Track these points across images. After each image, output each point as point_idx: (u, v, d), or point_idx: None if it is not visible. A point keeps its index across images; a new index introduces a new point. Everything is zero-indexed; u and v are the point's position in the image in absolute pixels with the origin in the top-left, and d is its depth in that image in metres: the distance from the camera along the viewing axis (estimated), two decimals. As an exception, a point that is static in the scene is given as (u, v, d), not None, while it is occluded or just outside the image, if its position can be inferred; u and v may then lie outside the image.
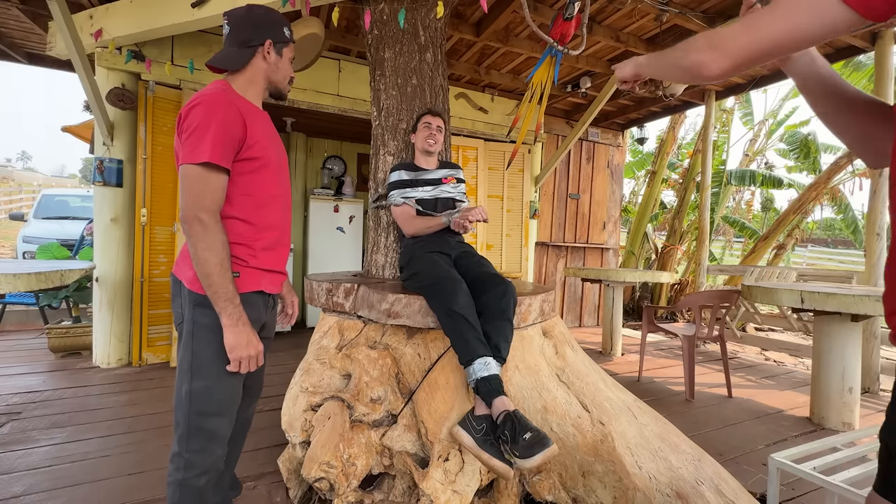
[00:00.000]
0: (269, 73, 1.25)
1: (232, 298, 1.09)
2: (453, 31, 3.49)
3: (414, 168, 2.04)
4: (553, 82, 2.44)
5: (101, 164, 3.15)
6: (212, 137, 1.06)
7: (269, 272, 1.24)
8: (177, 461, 1.16)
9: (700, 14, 3.28)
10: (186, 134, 1.08)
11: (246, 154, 1.14)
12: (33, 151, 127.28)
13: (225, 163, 1.09)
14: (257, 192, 1.19)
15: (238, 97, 1.17)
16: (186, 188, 1.07)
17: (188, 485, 1.15)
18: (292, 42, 1.29)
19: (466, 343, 1.42)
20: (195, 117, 1.08)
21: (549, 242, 5.50)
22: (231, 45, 1.21)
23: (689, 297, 3.01)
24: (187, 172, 1.07)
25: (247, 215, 1.18)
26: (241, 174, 1.16)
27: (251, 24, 1.21)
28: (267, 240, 1.23)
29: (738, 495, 1.39)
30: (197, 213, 1.06)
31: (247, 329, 1.12)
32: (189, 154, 1.06)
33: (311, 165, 5.29)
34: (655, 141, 7.32)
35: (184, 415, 1.15)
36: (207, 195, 1.08)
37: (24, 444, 2.04)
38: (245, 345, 1.12)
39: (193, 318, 1.14)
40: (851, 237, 7.24)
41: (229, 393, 1.19)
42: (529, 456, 1.18)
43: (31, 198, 15.02)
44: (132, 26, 2.89)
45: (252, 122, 1.15)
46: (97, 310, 3.21)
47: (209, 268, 1.06)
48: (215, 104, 1.09)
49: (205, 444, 1.16)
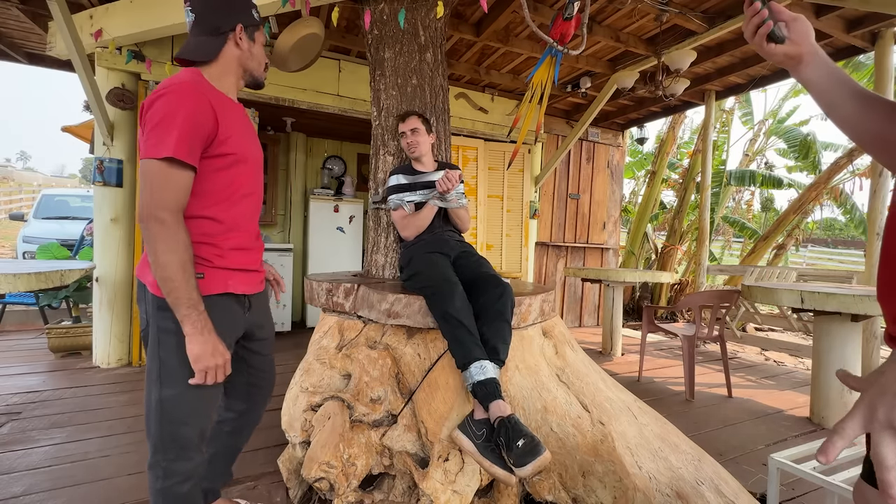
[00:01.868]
0: (244, 61, 1.17)
1: (196, 305, 1.01)
2: (453, 31, 3.49)
3: (412, 171, 2.03)
4: (553, 82, 2.44)
5: (101, 164, 3.15)
6: (178, 131, 0.98)
7: (238, 271, 1.17)
8: (155, 470, 1.10)
9: (700, 14, 3.28)
10: (150, 126, 0.99)
11: (218, 150, 1.07)
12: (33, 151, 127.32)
13: (191, 159, 1.01)
14: (229, 190, 1.12)
15: (210, 88, 1.09)
16: (147, 185, 0.98)
17: (172, 492, 1.11)
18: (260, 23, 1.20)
19: (462, 346, 1.42)
20: (160, 108, 0.99)
21: (549, 242, 5.50)
22: (199, 33, 1.12)
23: (689, 297, 3.01)
24: (148, 168, 0.98)
25: (216, 214, 1.10)
26: (212, 171, 1.08)
27: (218, 7, 1.12)
28: (237, 239, 1.15)
29: (738, 495, 1.40)
30: (156, 211, 0.98)
31: (212, 338, 1.04)
32: (152, 148, 0.98)
33: (311, 165, 5.29)
34: (655, 141, 7.32)
35: (156, 424, 1.08)
36: (169, 193, 0.99)
37: (24, 444, 2.04)
38: (210, 354, 1.04)
39: (157, 324, 1.07)
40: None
41: (202, 399, 1.12)
42: (522, 465, 1.19)
43: (31, 198, 15.02)
44: (132, 26, 2.89)
45: (224, 116, 1.08)
46: (97, 310, 3.21)
47: (170, 272, 0.98)
48: (183, 95, 1.01)
49: (180, 453, 1.11)
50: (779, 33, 0.74)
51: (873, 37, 3.44)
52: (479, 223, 4.58)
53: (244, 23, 1.14)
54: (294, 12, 2.99)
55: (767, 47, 0.75)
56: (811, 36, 0.73)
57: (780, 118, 8.24)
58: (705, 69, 4.27)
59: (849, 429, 0.51)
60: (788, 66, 0.76)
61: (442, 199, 1.95)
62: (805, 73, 0.75)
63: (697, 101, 4.95)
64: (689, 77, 4.30)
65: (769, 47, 0.75)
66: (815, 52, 0.74)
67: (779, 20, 0.74)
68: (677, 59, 3.31)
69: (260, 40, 1.20)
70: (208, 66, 1.13)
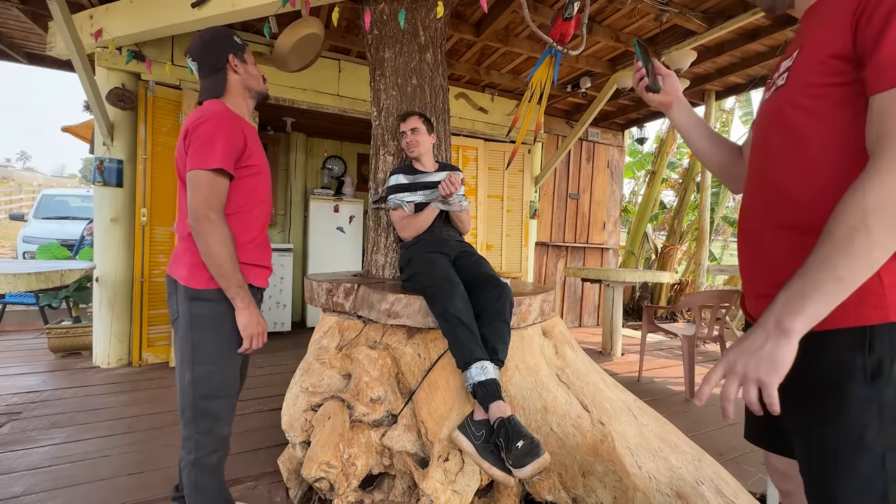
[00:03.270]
0: (245, 82, 1.37)
1: (242, 285, 1.23)
2: (453, 31, 3.49)
3: (412, 171, 2.03)
4: (553, 82, 2.44)
5: (101, 164, 3.15)
6: (221, 147, 1.20)
7: (256, 267, 1.36)
8: (188, 444, 1.26)
9: (700, 14, 3.28)
10: (197, 144, 1.20)
11: (246, 162, 1.29)
12: (33, 151, 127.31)
13: (230, 168, 1.23)
14: (251, 195, 1.33)
15: (236, 115, 1.32)
16: (196, 191, 1.19)
17: (201, 464, 1.26)
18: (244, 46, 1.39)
19: (463, 347, 1.42)
20: (205, 129, 1.21)
21: (549, 242, 5.50)
22: (206, 76, 1.34)
23: (688, 297, 3.02)
24: (199, 177, 1.19)
25: (241, 215, 1.31)
26: (241, 178, 1.30)
27: (210, 49, 1.33)
28: (256, 238, 1.36)
29: (738, 495, 1.40)
30: (207, 212, 1.18)
31: (255, 311, 1.27)
32: (201, 161, 1.19)
33: (311, 165, 5.29)
34: (655, 141, 7.33)
35: (189, 400, 1.25)
36: (215, 197, 1.21)
37: (24, 444, 2.04)
38: (256, 323, 1.26)
39: (190, 311, 1.24)
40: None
41: (230, 375, 1.31)
42: (521, 466, 1.19)
43: (31, 198, 15.02)
44: (132, 26, 2.89)
45: (249, 136, 1.31)
46: (97, 310, 3.21)
47: (222, 259, 1.19)
48: (223, 119, 1.24)
49: (211, 426, 1.27)
50: (654, 86, 1.02)
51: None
52: (479, 223, 4.58)
53: (232, 51, 1.34)
54: (294, 12, 2.99)
55: (647, 95, 1.03)
56: (679, 89, 1.04)
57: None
58: (705, 69, 4.27)
59: (713, 377, 0.71)
60: (662, 109, 1.05)
61: (444, 203, 1.95)
62: (673, 114, 1.04)
63: (697, 101, 4.95)
64: (689, 77, 4.30)
65: (648, 95, 1.03)
66: (680, 99, 1.04)
67: (657, 74, 1.02)
68: (677, 59, 3.31)
69: (250, 59, 1.39)
70: (224, 98, 1.35)
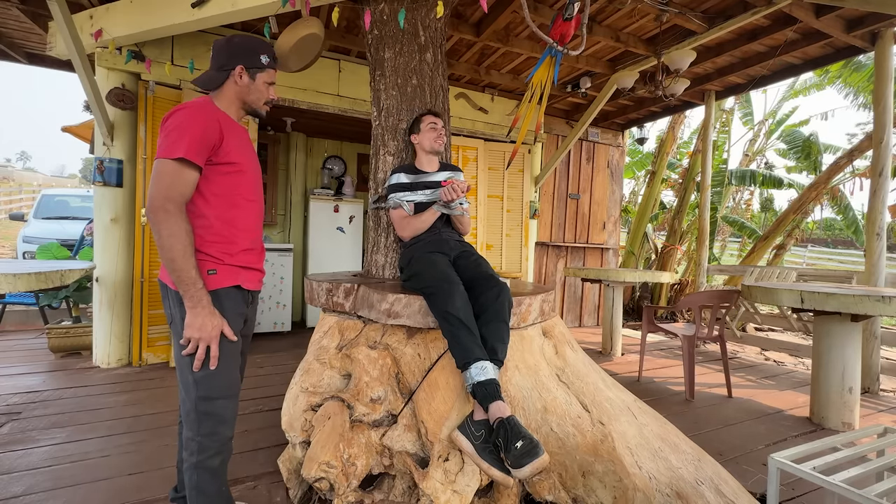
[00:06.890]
0: (242, 95, 1.37)
1: (194, 282, 1.16)
2: (453, 31, 3.49)
3: (414, 171, 2.03)
4: (553, 82, 2.44)
5: (101, 164, 3.15)
6: (189, 137, 1.16)
7: (246, 269, 1.33)
8: (190, 446, 1.24)
9: (700, 14, 3.28)
10: (165, 132, 1.18)
11: (223, 158, 1.26)
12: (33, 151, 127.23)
13: (198, 160, 1.19)
14: (234, 192, 1.30)
15: (217, 109, 1.31)
16: (158, 180, 1.15)
17: (204, 466, 1.24)
18: (271, 68, 1.39)
19: (462, 346, 1.42)
20: (177, 119, 1.19)
21: (549, 242, 5.50)
22: (211, 68, 1.36)
23: (689, 297, 3.01)
24: (162, 167, 1.16)
25: (224, 214, 1.28)
26: (220, 175, 1.26)
27: (227, 51, 1.34)
28: (246, 240, 1.33)
29: (738, 495, 1.40)
30: (164, 203, 1.14)
31: (204, 312, 1.18)
32: (166, 150, 1.15)
33: (311, 165, 5.29)
34: (655, 141, 7.33)
35: (191, 401, 1.23)
36: (177, 187, 1.16)
37: (24, 444, 2.04)
38: (198, 327, 1.17)
39: (181, 315, 1.23)
40: (853, 237, 7.25)
41: (229, 376, 1.28)
42: (519, 466, 1.19)
43: (31, 198, 15.02)
44: (132, 26, 2.89)
45: (228, 132, 1.28)
46: (97, 310, 3.21)
47: (172, 253, 1.14)
48: (198, 111, 1.22)
49: (214, 428, 1.25)
50: None
51: (873, 37, 3.44)
52: (479, 223, 4.58)
53: (246, 65, 1.34)
54: (294, 12, 2.99)
55: None
56: None
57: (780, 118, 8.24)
58: (705, 69, 4.27)
59: None
60: None
61: (445, 206, 1.96)
62: None
63: (697, 101, 4.95)
64: (689, 77, 4.30)
65: None
66: None
67: None
68: (677, 59, 3.31)
69: (263, 80, 1.38)
70: (215, 94, 1.36)
